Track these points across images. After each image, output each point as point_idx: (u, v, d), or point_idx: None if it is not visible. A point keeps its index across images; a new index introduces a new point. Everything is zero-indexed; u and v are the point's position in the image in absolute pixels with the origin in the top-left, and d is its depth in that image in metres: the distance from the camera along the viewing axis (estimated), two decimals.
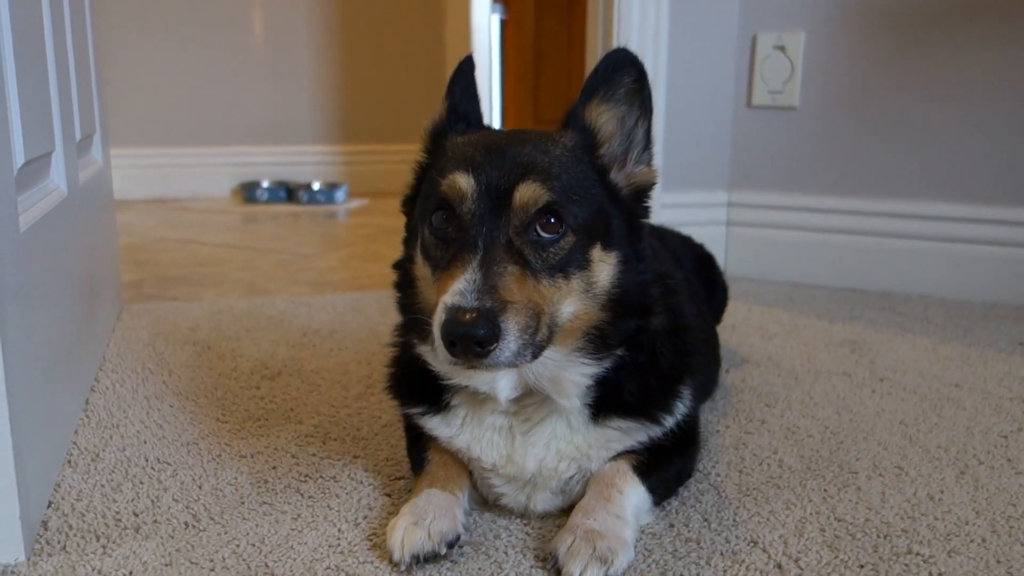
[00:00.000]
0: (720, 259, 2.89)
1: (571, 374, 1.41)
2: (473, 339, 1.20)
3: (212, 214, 5.47)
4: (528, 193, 1.32)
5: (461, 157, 1.38)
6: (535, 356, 1.29)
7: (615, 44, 3.37)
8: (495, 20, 7.03)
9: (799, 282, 3.43)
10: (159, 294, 3.23)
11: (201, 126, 6.18)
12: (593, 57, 3.53)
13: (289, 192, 5.95)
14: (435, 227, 1.36)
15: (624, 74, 1.46)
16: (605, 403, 1.45)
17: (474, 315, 1.20)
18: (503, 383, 1.41)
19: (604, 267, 1.39)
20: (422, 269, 1.42)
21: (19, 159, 1.50)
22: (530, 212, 1.32)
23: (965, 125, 3.13)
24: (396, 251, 1.59)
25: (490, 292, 1.23)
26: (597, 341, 1.41)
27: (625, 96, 1.47)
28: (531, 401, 1.45)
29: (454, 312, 1.21)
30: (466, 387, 1.45)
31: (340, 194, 5.89)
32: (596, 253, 1.38)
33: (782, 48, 3.36)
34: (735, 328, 2.74)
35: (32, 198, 1.66)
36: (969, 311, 2.98)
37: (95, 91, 2.60)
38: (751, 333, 2.71)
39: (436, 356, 1.42)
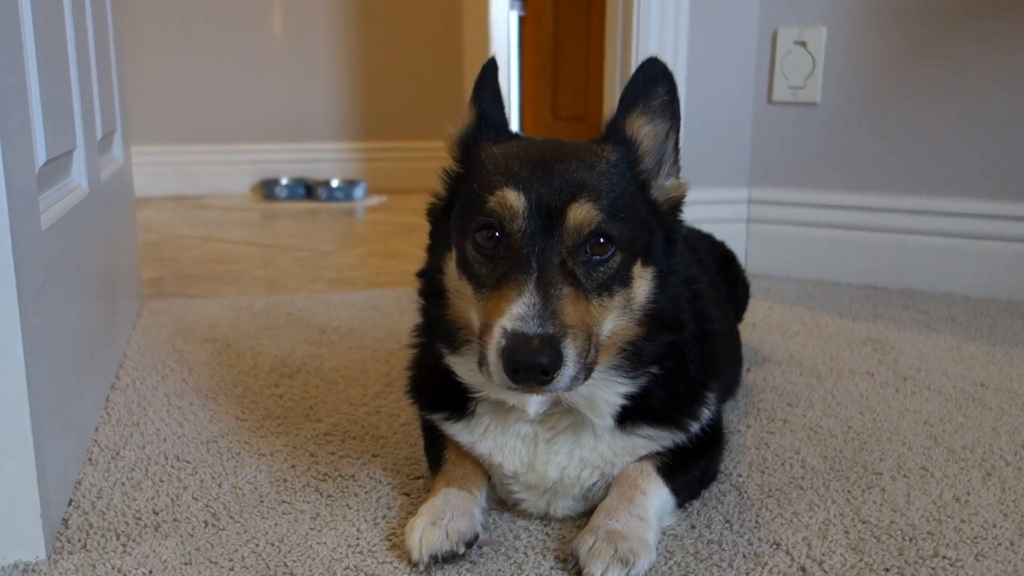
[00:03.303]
0: (740, 256, 2.86)
1: (606, 393, 1.39)
2: (539, 368, 1.18)
3: (231, 211, 5.49)
4: (582, 214, 1.29)
5: (506, 172, 1.34)
6: (586, 378, 1.27)
7: (634, 41, 3.34)
8: (513, 16, 7.01)
9: (820, 279, 3.40)
10: (179, 291, 3.25)
11: (221, 123, 6.20)
12: (612, 55, 3.51)
13: (308, 189, 5.96)
14: (481, 245, 1.32)
15: (658, 86, 1.44)
16: (633, 411, 1.44)
17: (538, 342, 1.18)
18: (535, 399, 1.39)
19: (642, 283, 1.38)
20: (455, 282, 1.39)
21: (41, 157, 1.50)
22: (583, 233, 1.29)
23: (988, 120, 3.09)
24: (414, 247, 1.58)
25: (552, 317, 1.21)
26: (632, 357, 1.40)
27: (660, 108, 1.45)
28: (557, 410, 1.43)
29: (516, 338, 1.19)
30: (495, 399, 1.43)
31: (359, 191, 5.90)
32: (637, 269, 1.37)
33: (803, 43, 3.33)
34: (756, 326, 2.72)
35: (53, 196, 1.66)
36: (994, 309, 2.94)
37: (116, 88, 2.61)
38: (772, 331, 2.68)
39: (469, 369, 1.41)
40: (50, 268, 1.50)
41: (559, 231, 1.29)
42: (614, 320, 1.35)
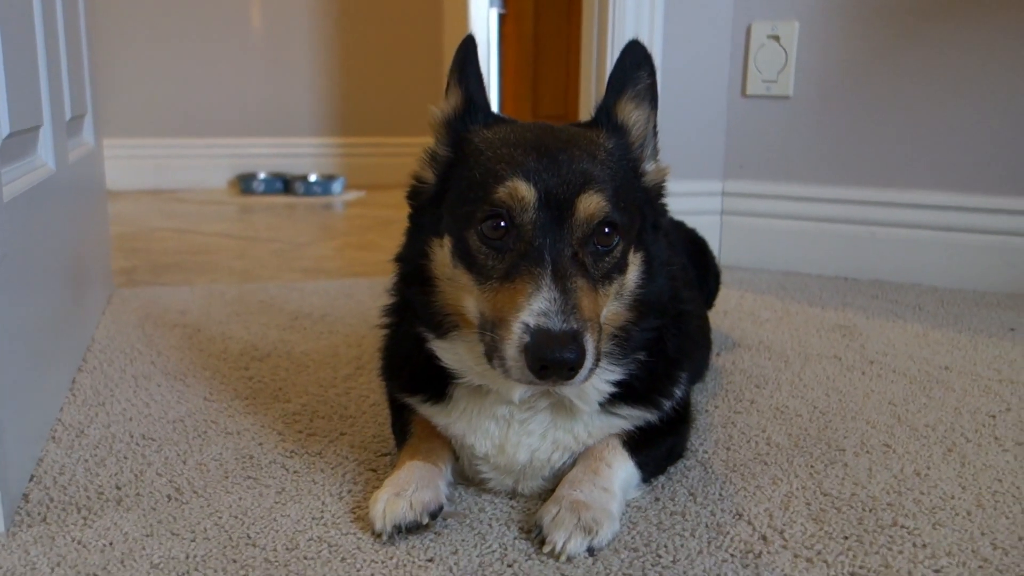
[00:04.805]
0: (714, 248, 2.88)
1: (596, 381, 1.39)
2: (567, 364, 1.17)
3: (208, 204, 5.46)
4: (593, 205, 1.28)
5: (510, 160, 1.31)
6: (597, 368, 1.27)
7: (610, 36, 3.36)
8: (493, 14, 7.01)
9: (792, 271, 3.42)
10: (151, 280, 3.23)
11: (198, 117, 6.17)
12: (589, 49, 3.52)
13: (285, 184, 5.95)
14: (487, 236, 1.29)
15: (642, 70, 1.44)
16: (615, 393, 1.44)
17: (564, 338, 1.17)
18: (522, 386, 1.37)
19: (634, 268, 1.39)
20: (447, 270, 1.36)
21: (3, 129, 1.49)
22: (592, 224, 1.29)
23: (957, 114, 3.13)
24: (391, 240, 1.56)
25: (573, 312, 1.20)
26: (623, 344, 1.41)
27: (643, 92, 1.45)
28: (539, 393, 1.42)
29: (542, 335, 1.17)
30: (478, 384, 1.42)
31: (337, 186, 5.88)
32: (630, 256, 1.38)
33: (776, 38, 3.36)
34: (727, 314, 2.73)
35: (17, 171, 1.65)
36: (961, 298, 2.98)
37: (86, 73, 2.59)
38: (743, 319, 2.70)
39: (454, 355, 1.40)
40: (11, 242, 1.49)
41: (569, 222, 1.28)
42: (608, 306, 1.35)
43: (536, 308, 1.20)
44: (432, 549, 1.31)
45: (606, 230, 1.30)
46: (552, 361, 1.17)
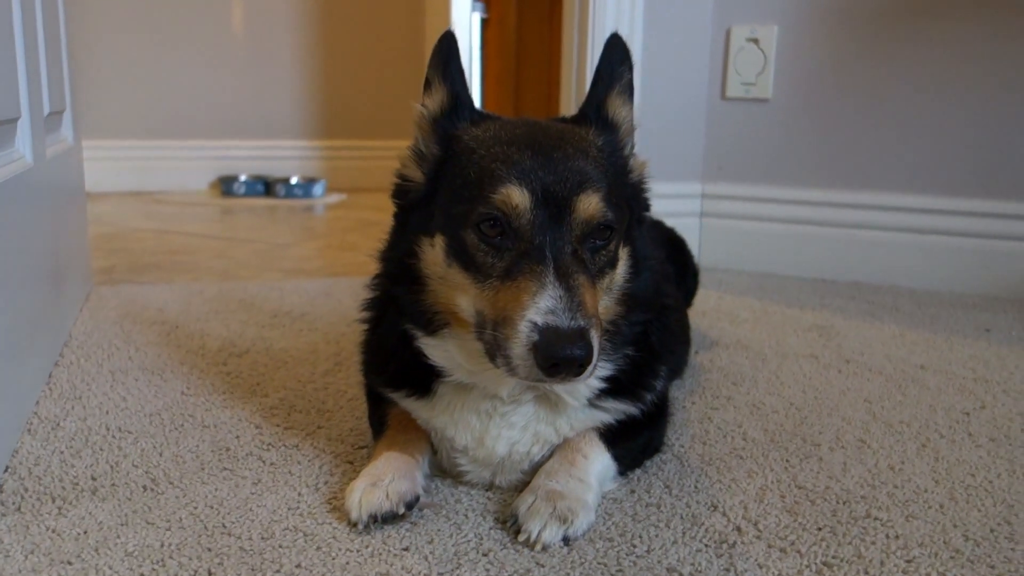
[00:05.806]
0: (694, 250, 2.90)
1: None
2: (577, 361, 1.17)
3: (189, 206, 5.43)
4: (592, 206, 1.29)
5: (504, 160, 1.31)
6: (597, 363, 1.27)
7: (590, 37, 3.38)
8: (476, 19, 7.02)
9: (771, 272, 3.45)
10: (131, 279, 3.21)
11: (179, 119, 6.14)
12: (569, 51, 3.54)
13: (267, 186, 5.92)
14: (485, 234, 1.28)
15: (624, 65, 1.45)
16: (603, 388, 1.45)
17: (572, 336, 1.17)
18: (510, 383, 1.38)
19: (622, 263, 1.40)
20: (440, 269, 1.35)
21: None
22: (592, 224, 1.29)
23: (934, 118, 3.16)
24: (372, 241, 1.55)
25: (579, 309, 1.20)
26: (613, 338, 1.41)
27: (626, 87, 1.46)
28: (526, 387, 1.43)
29: (551, 333, 1.17)
30: (467, 382, 1.42)
31: (318, 188, 5.87)
32: (620, 251, 1.39)
33: (755, 41, 3.39)
34: (705, 314, 2.75)
35: None
36: (938, 300, 3.01)
37: (65, 69, 2.58)
38: (721, 318, 2.72)
39: (443, 352, 1.40)
40: None
41: (567, 221, 1.28)
42: (601, 301, 1.36)
43: (543, 306, 1.20)
44: (408, 538, 1.31)
45: (602, 227, 1.32)
46: (564, 359, 1.17)
